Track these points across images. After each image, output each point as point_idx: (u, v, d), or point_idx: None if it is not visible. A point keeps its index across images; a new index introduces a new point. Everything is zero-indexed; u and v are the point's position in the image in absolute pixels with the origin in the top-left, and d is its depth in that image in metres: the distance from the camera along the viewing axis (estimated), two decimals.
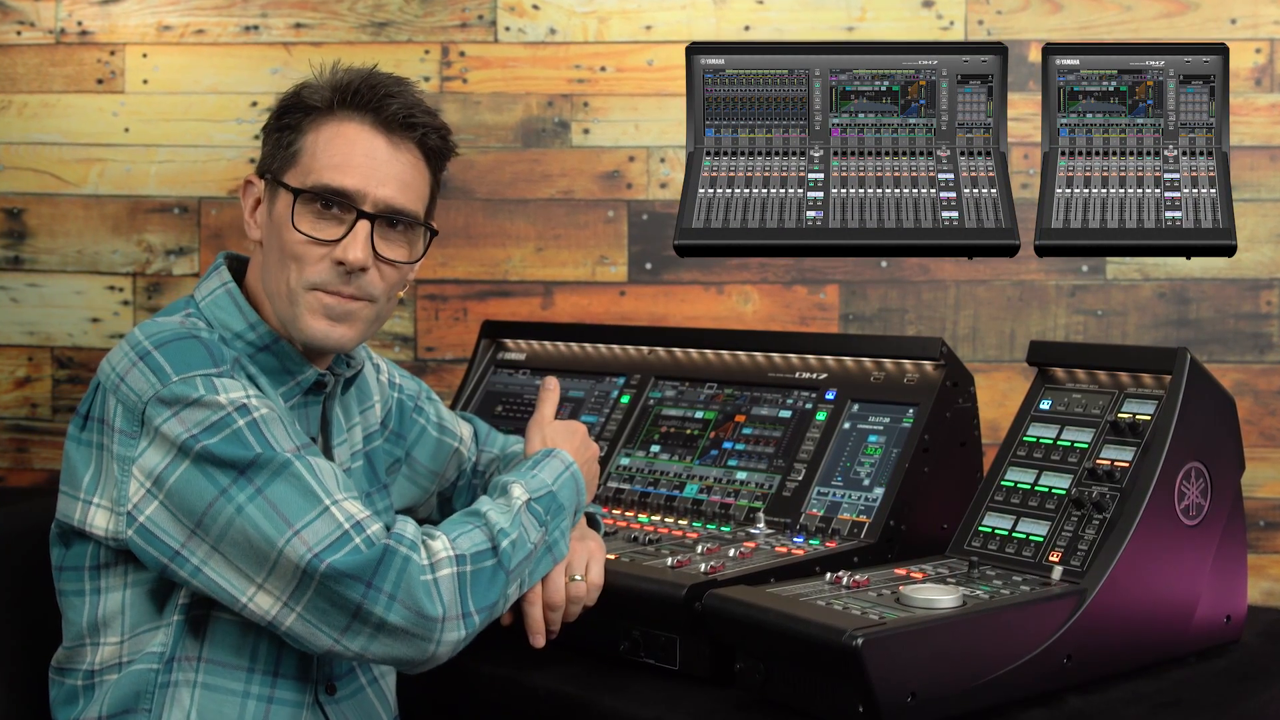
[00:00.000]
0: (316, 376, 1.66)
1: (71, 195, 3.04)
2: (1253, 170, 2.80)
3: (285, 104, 1.65)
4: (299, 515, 1.47)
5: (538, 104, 2.96)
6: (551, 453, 1.72)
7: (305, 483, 1.49)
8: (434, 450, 1.94)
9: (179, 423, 1.48)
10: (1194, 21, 2.80)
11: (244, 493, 1.47)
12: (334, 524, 1.47)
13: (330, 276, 1.60)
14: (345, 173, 1.59)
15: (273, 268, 1.62)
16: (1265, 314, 2.80)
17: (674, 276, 2.93)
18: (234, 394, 1.51)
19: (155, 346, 1.53)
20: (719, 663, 1.72)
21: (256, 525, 1.46)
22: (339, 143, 1.60)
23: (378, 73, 1.64)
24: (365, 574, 1.46)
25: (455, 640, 1.52)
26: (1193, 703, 1.65)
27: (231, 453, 1.48)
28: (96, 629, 1.57)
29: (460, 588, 1.51)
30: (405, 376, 1.96)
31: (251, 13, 3.00)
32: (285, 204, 1.60)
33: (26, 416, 3.07)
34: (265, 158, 1.66)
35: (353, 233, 1.59)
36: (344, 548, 1.46)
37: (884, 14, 2.87)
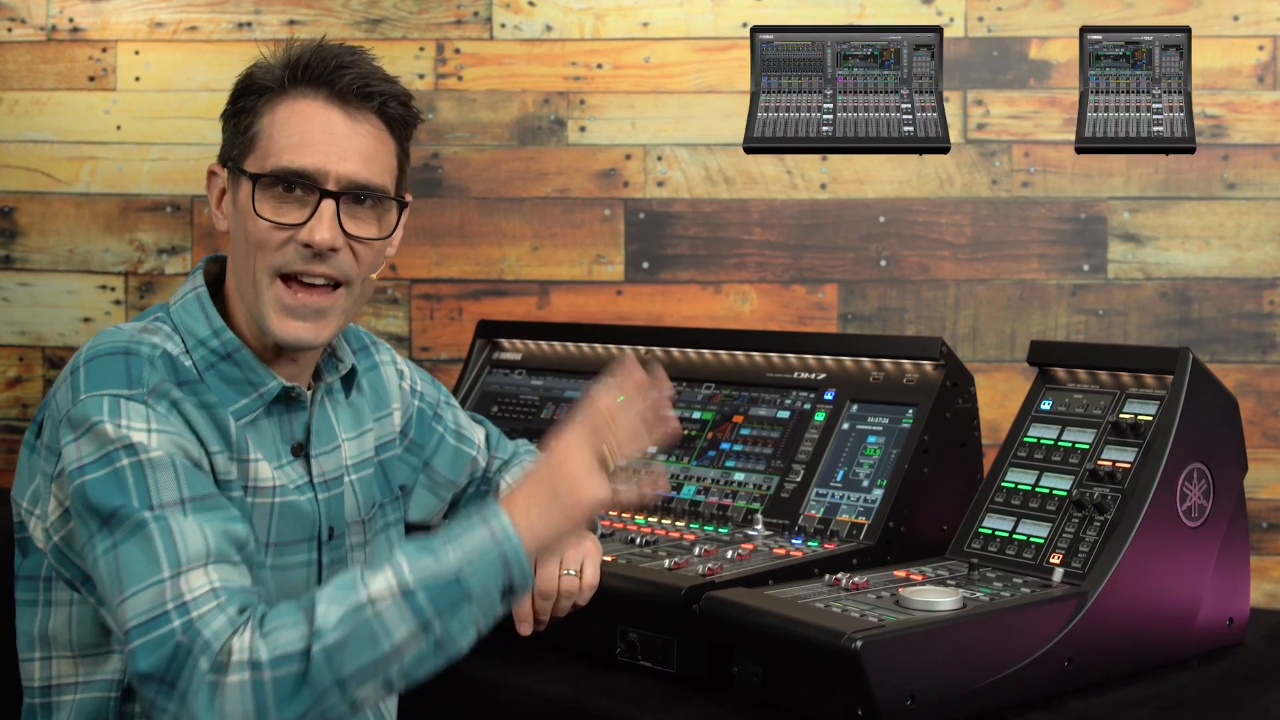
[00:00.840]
0: (280, 388, 1.59)
1: (63, 194, 3.02)
2: (1255, 169, 2.78)
3: (239, 87, 1.59)
4: (133, 583, 1.37)
5: (533, 101, 2.94)
6: (490, 518, 1.42)
7: (153, 547, 1.38)
8: (452, 459, 1.90)
9: (75, 449, 1.43)
10: (1196, 18, 2.78)
11: (103, 544, 1.40)
12: (156, 602, 1.36)
13: (295, 258, 1.52)
14: (304, 152, 1.52)
15: (240, 259, 1.57)
16: (1268, 313, 2.78)
17: (671, 276, 2.91)
18: (133, 423, 1.43)
19: (85, 361, 1.48)
20: (716, 665, 1.71)
21: (103, 581, 1.40)
22: (295, 121, 1.53)
23: (328, 45, 1.57)
24: (157, 673, 1.35)
25: None
26: (1195, 706, 1.64)
27: (99, 498, 1.40)
28: (47, 642, 1.54)
29: (256, 695, 1.33)
30: (426, 382, 1.91)
31: (244, 9, 2.98)
32: (246, 191, 1.55)
33: (17, 417, 3.05)
34: (225, 145, 1.60)
35: (317, 213, 1.52)
36: (148, 634, 1.36)
37: (883, 11, 2.86)
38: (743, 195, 2.90)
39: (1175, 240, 2.81)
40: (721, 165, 2.90)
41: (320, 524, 1.62)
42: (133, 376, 1.46)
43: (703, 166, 2.91)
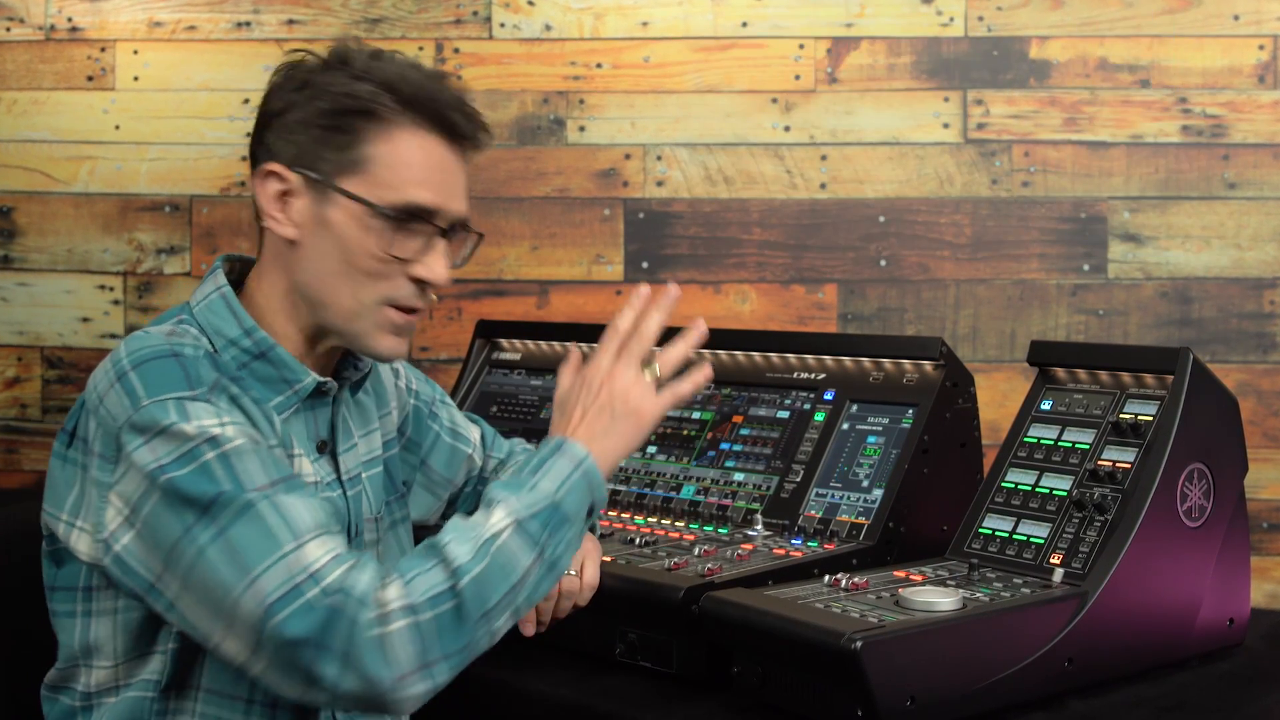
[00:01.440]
0: (316, 384, 1.60)
1: (61, 193, 3.02)
2: (1256, 168, 2.78)
3: (340, 105, 1.53)
4: (257, 560, 1.38)
5: (533, 101, 2.94)
6: (560, 448, 1.50)
7: (267, 525, 1.40)
8: (448, 458, 1.90)
9: (149, 451, 1.41)
10: (1196, 18, 2.78)
11: (207, 533, 1.39)
12: (287, 575, 1.38)
13: (408, 292, 1.55)
14: (427, 189, 1.54)
15: (327, 277, 1.55)
16: (1269, 313, 2.78)
17: (670, 275, 2.91)
18: (205, 421, 1.43)
19: (132, 366, 1.46)
20: (716, 666, 1.71)
21: (216, 569, 1.38)
22: (418, 156, 1.54)
23: (445, 86, 1.57)
24: (313, 637, 1.36)
25: (420, 694, 1.40)
26: (1195, 706, 1.64)
27: (195, 489, 1.40)
28: (89, 652, 1.53)
29: (419, 639, 1.38)
30: (421, 380, 1.91)
31: (244, 9, 2.98)
32: (356, 216, 1.52)
33: (16, 417, 3.04)
34: (305, 153, 1.54)
35: (435, 252, 1.55)
36: (293, 602, 1.36)
37: (883, 10, 2.86)
38: (742, 195, 2.90)
39: (1175, 240, 2.80)
40: (721, 165, 2.90)
41: (349, 521, 1.63)
42: (191, 377, 1.45)
43: (702, 166, 2.90)
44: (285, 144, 1.55)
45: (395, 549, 1.74)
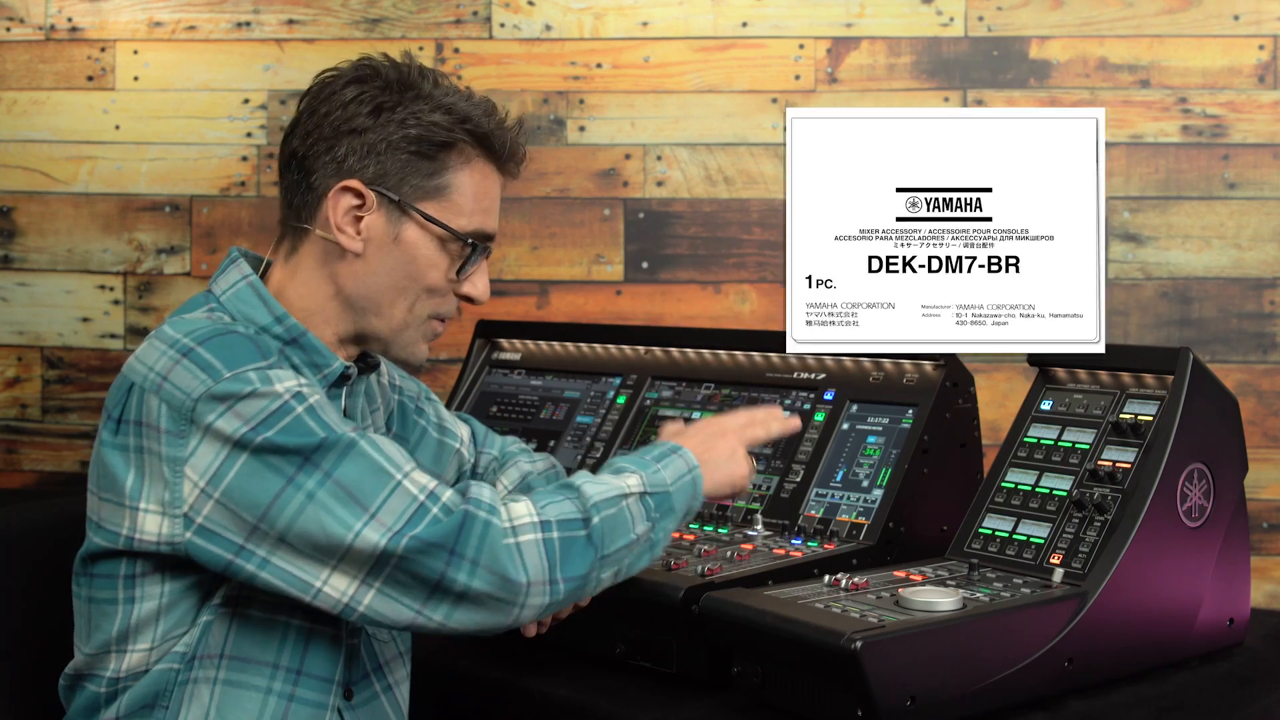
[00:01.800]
0: (343, 368, 1.65)
1: (62, 193, 3.02)
2: (1256, 168, 2.78)
3: (427, 135, 1.61)
4: (373, 495, 1.46)
5: (533, 101, 2.94)
6: (677, 450, 1.66)
7: (373, 460, 1.48)
8: (435, 453, 1.92)
9: (235, 417, 1.46)
10: (1196, 18, 2.78)
11: (312, 478, 1.45)
12: (409, 498, 1.46)
13: (454, 307, 1.68)
14: (491, 218, 1.67)
15: (387, 290, 1.63)
16: (1269, 313, 2.78)
17: (670, 275, 2.91)
18: (288, 382, 1.49)
19: (198, 343, 1.50)
20: (716, 666, 1.70)
21: (330, 510, 1.45)
22: (484, 187, 1.66)
23: (505, 127, 1.67)
24: (448, 542, 1.45)
25: (540, 606, 1.50)
26: (1195, 706, 1.64)
27: (295, 440, 1.46)
28: (126, 637, 1.54)
29: (546, 553, 1.49)
30: (405, 378, 1.94)
31: (244, 9, 2.98)
32: (430, 236, 1.63)
33: (16, 417, 3.04)
34: (388, 175, 1.61)
35: (480, 271, 1.67)
36: (423, 520, 1.45)
37: (883, 10, 2.86)
38: (742, 195, 2.90)
39: (1175, 240, 2.80)
40: (721, 165, 2.90)
41: None
42: (260, 349, 1.52)
43: (702, 166, 2.90)
44: (366, 163, 1.62)
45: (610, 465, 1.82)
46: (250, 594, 1.54)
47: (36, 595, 1.72)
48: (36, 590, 1.72)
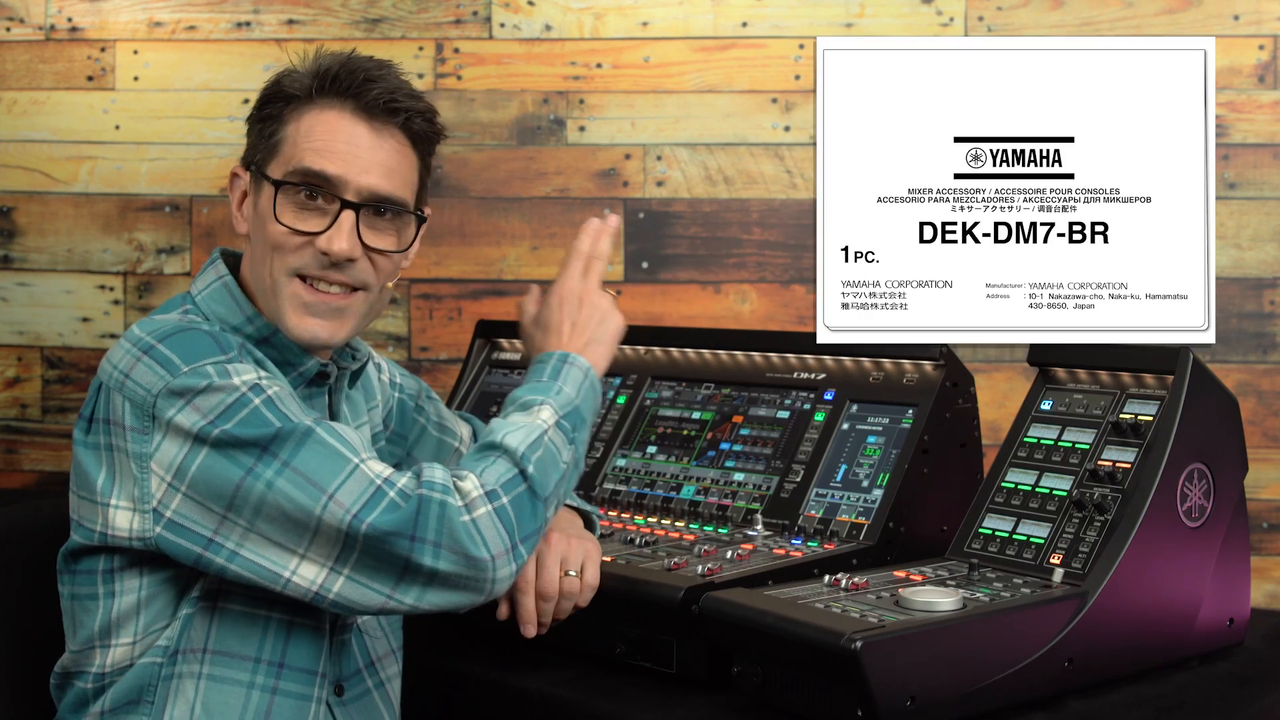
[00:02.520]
0: (318, 367, 1.65)
1: (61, 193, 3.02)
2: (1256, 168, 2.78)
3: (266, 93, 1.62)
4: (330, 478, 1.46)
5: (533, 101, 2.94)
6: (567, 359, 1.65)
7: (331, 446, 1.48)
8: (434, 450, 1.92)
9: (193, 411, 1.46)
10: (1196, 18, 2.78)
11: (270, 468, 1.46)
12: (365, 482, 1.46)
13: (313, 263, 1.58)
14: (326, 158, 1.56)
15: (258, 261, 1.61)
16: (1269, 313, 2.78)
17: (670, 275, 2.91)
18: (246, 376, 1.49)
19: (159, 340, 1.51)
20: (716, 666, 1.70)
21: (289, 497, 1.45)
22: (320, 130, 1.57)
23: (357, 57, 1.61)
24: (406, 528, 1.45)
25: (509, 574, 1.51)
26: (1195, 706, 1.64)
27: (252, 432, 1.46)
28: (109, 631, 1.56)
29: (502, 523, 1.50)
30: (405, 375, 1.94)
31: (243, 9, 2.98)
32: (268, 196, 1.58)
33: (16, 417, 3.04)
34: (249, 149, 1.64)
35: (337, 223, 1.57)
36: (379, 504, 1.45)
37: (883, 10, 2.86)
38: (742, 195, 2.90)
39: None
40: (721, 165, 2.90)
41: None
42: (220, 344, 1.52)
43: (702, 166, 2.90)
44: (246, 148, 1.64)
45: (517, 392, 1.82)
46: (229, 587, 1.54)
47: (36, 595, 1.72)
48: (36, 590, 1.72)
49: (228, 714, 1.54)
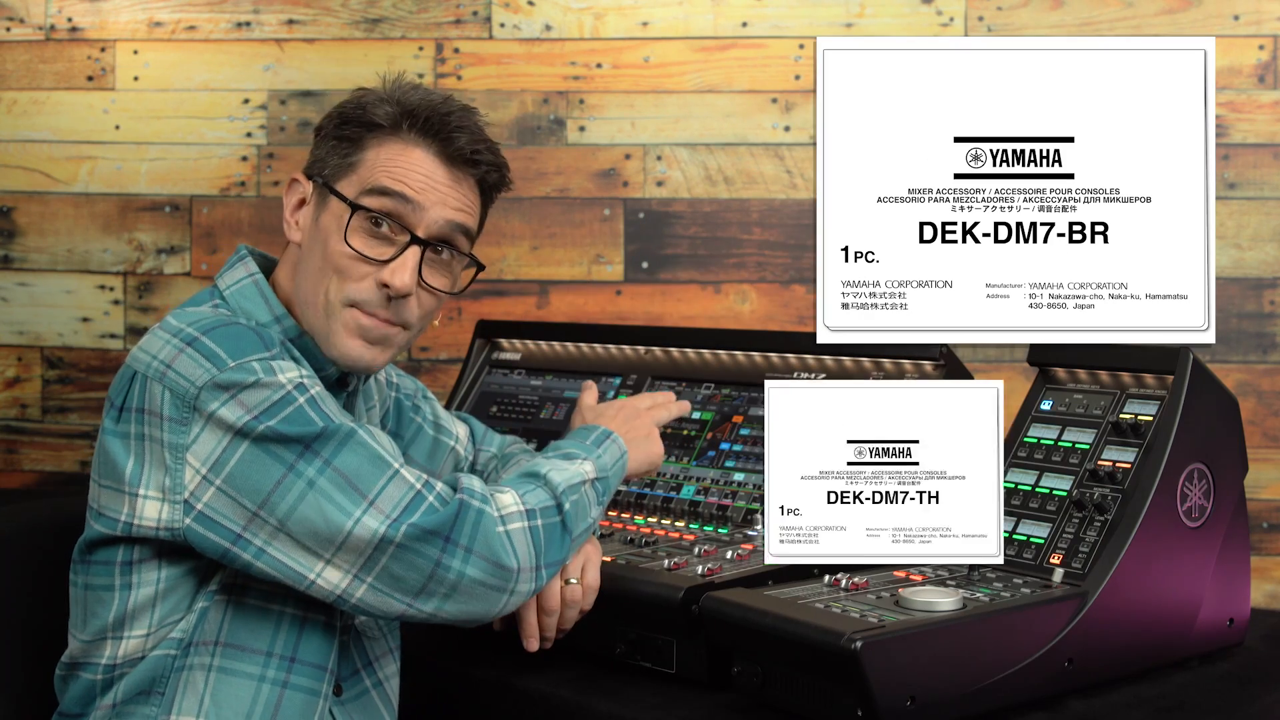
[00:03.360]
0: (340, 372, 1.66)
1: (61, 193, 3.02)
2: (1256, 168, 2.78)
3: (348, 113, 1.63)
4: (371, 483, 1.48)
5: (533, 101, 2.94)
6: (610, 436, 1.73)
7: (372, 450, 1.50)
8: (430, 450, 1.93)
9: (238, 405, 1.47)
10: (1196, 18, 2.78)
11: (312, 466, 1.47)
12: (406, 486, 1.49)
13: (372, 297, 1.60)
14: (402, 184, 1.59)
15: (311, 276, 1.61)
16: (1269, 313, 2.78)
17: (670, 275, 2.91)
18: (290, 374, 1.51)
19: (202, 333, 1.51)
20: (716, 666, 1.70)
21: (330, 497, 1.47)
22: (401, 160, 1.60)
23: (450, 101, 1.64)
24: (444, 529, 1.48)
25: (526, 591, 1.56)
26: (1195, 707, 1.63)
27: (296, 429, 1.48)
28: (122, 623, 1.55)
29: (533, 540, 1.55)
30: (401, 375, 1.95)
31: (243, 9, 2.98)
32: (336, 214, 1.60)
33: (16, 417, 3.04)
34: (317, 161, 1.64)
35: (402, 257, 1.59)
36: (420, 507, 1.48)
37: (883, 10, 2.86)
38: (742, 195, 2.90)
39: None
40: (721, 165, 2.90)
41: None
42: (264, 340, 1.53)
43: (702, 166, 2.90)
44: (311, 156, 1.65)
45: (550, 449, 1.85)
46: (246, 581, 1.55)
47: (37, 595, 1.72)
48: (37, 590, 1.72)
49: (237, 707, 1.54)
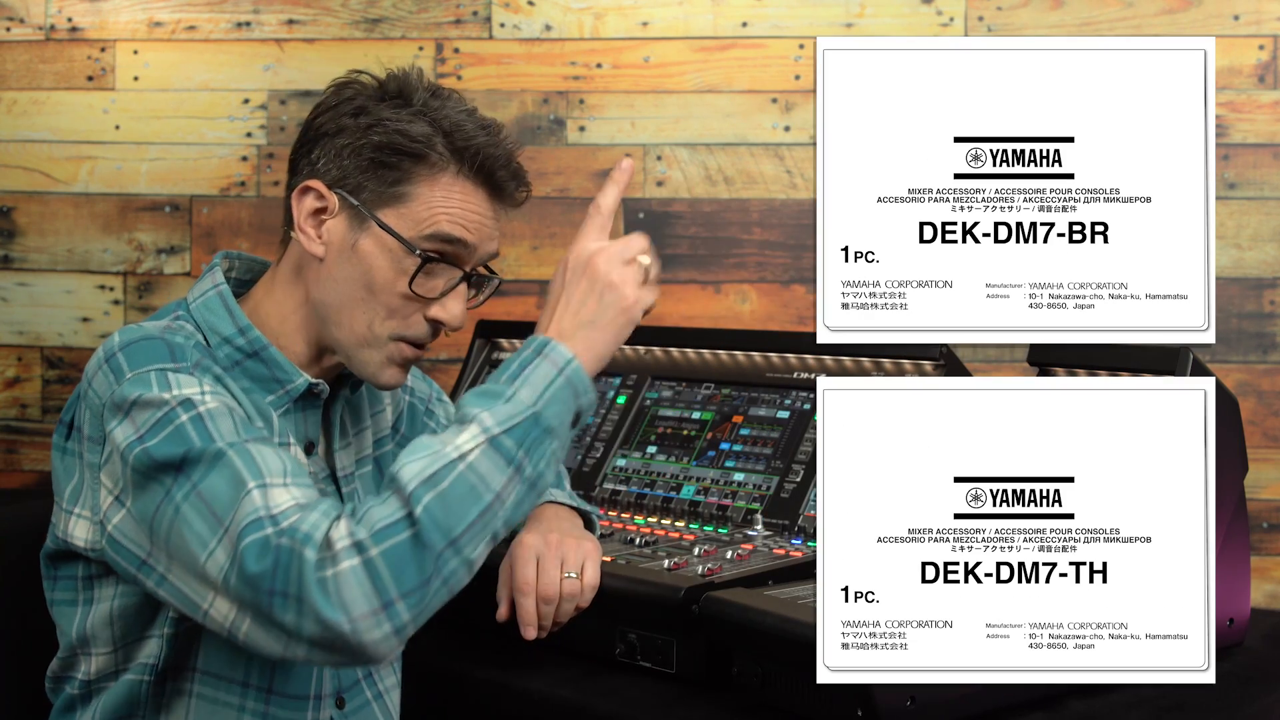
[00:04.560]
0: (307, 385, 1.60)
1: (61, 193, 3.02)
2: (1256, 168, 2.78)
3: (393, 143, 1.54)
4: (228, 507, 1.34)
5: (533, 101, 2.94)
6: (543, 349, 1.41)
7: (235, 470, 1.36)
8: None
9: (130, 424, 1.41)
10: (1196, 18, 2.78)
11: (181, 490, 1.37)
12: (252, 507, 1.33)
13: (422, 332, 1.57)
14: (460, 228, 1.57)
15: (349, 303, 1.56)
16: (1269, 313, 2.78)
17: (670, 275, 2.91)
18: (185, 389, 1.42)
19: (120, 349, 1.47)
20: (716, 666, 1.70)
21: (192, 524, 1.35)
22: (457, 198, 1.56)
23: (498, 142, 1.58)
24: (266, 577, 1.30)
25: (381, 638, 1.30)
26: (1196, 707, 1.63)
27: (169, 451, 1.38)
28: (86, 640, 1.54)
29: (369, 577, 1.28)
30: (417, 378, 1.92)
31: (243, 9, 2.98)
32: (386, 247, 1.54)
33: (16, 417, 3.04)
34: (349, 178, 1.56)
35: (455, 294, 1.58)
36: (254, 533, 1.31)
37: (883, 10, 2.85)
38: (742, 195, 2.90)
39: None
40: (721, 165, 2.90)
41: None
42: (175, 353, 1.47)
43: (702, 166, 2.90)
44: (331, 165, 1.56)
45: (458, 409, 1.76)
46: None
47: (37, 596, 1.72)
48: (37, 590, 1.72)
49: None
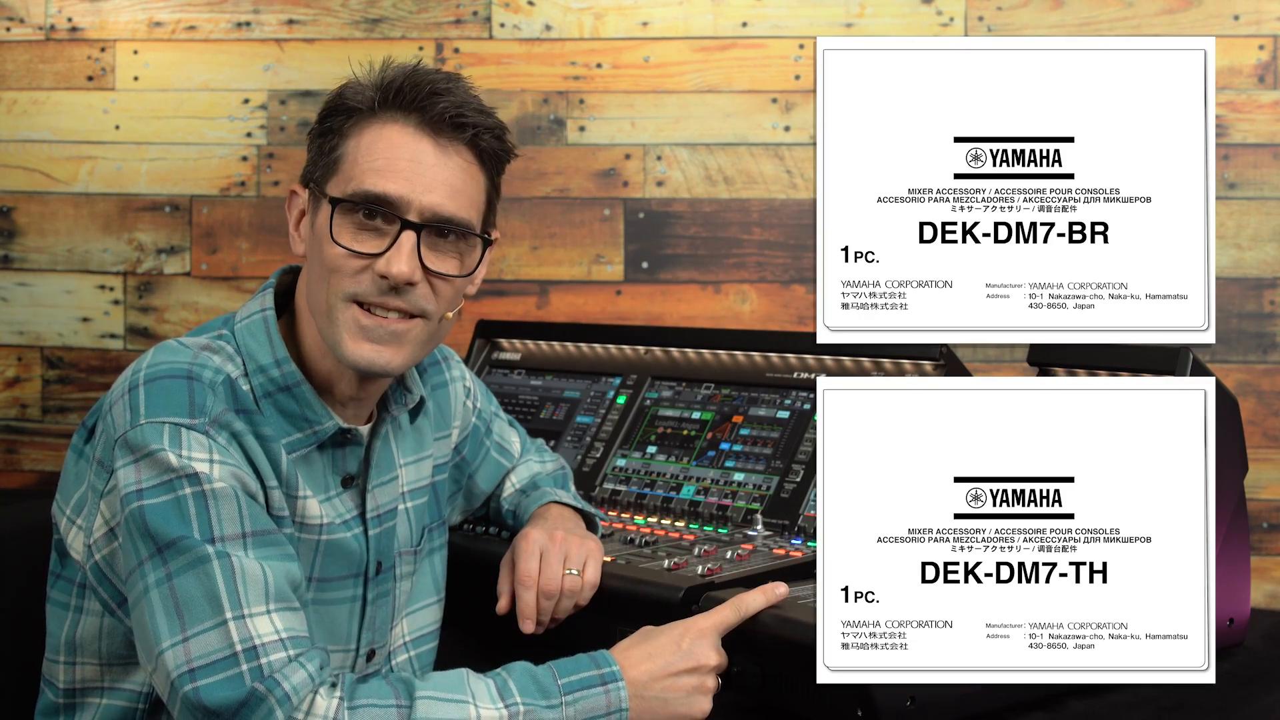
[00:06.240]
0: (336, 428, 1.54)
1: (62, 193, 3.02)
2: (1256, 168, 2.78)
3: (328, 106, 1.52)
4: (195, 621, 1.33)
5: (533, 101, 2.94)
6: (606, 682, 1.43)
7: (215, 585, 1.34)
8: (492, 472, 1.90)
9: (135, 471, 1.38)
10: (1196, 18, 2.78)
11: (155, 573, 1.36)
12: (224, 642, 1.32)
13: (370, 288, 1.47)
14: (387, 178, 1.46)
15: (314, 284, 1.51)
16: (1269, 313, 2.78)
17: (670, 275, 2.91)
18: (195, 455, 1.38)
19: (145, 381, 1.43)
20: None
21: (154, 614, 1.35)
22: (381, 146, 1.47)
23: (423, 68, 1.50)
24: (228, 713, 1.30)
25: None
26: (1196, 706, 1.63)
27: (159, 523, 1.36)
28: (74, 648, 1.52)
29: None
30: (484, 397, 1.89)
31: (243, 9, 2.98)
32: (325, 215, 1.48)
33: (16, 417, 3.04)
34: (308, 165, 1.54)
35: (396, 245, 1.46)
36: (217, 674, 1.31)
37: (883, 10, 2.86)
38: (742, 195, 2.90)
39: None
40: (721, 165, 2.90)
41: (368, 560, 1.59)
42: (195, 404, 1.41)
43: (702, 166, 2.90)
44: (305, 165, 1.55)
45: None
46: None
47: (37, 596, 1.72)
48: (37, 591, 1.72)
49: None
